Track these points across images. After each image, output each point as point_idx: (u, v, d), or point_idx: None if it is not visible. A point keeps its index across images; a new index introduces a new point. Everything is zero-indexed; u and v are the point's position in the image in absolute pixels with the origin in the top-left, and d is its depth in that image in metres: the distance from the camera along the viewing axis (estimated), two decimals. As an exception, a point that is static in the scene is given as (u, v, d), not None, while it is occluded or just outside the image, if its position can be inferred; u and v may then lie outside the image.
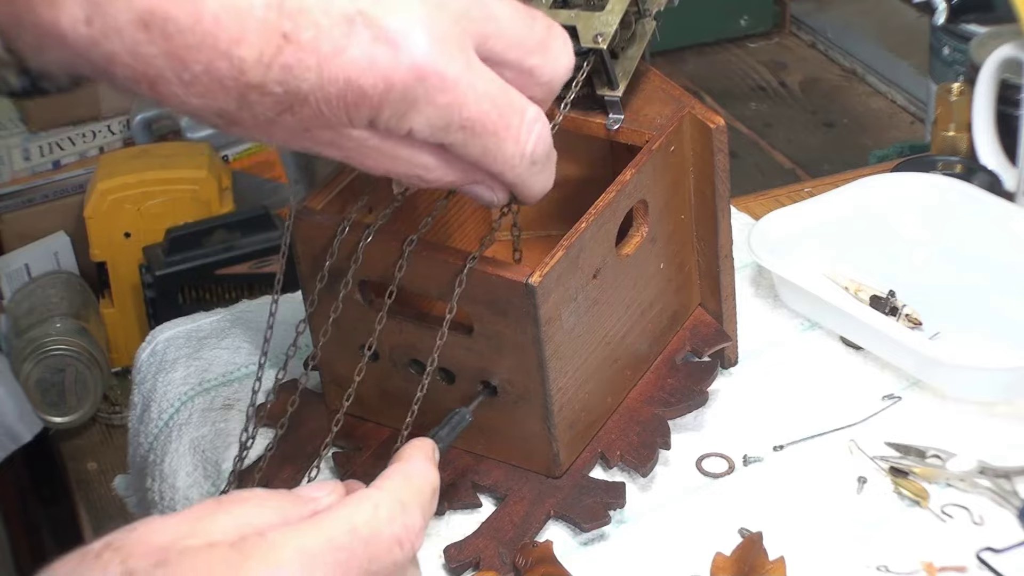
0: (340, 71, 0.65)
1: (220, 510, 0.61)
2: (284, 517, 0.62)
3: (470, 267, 0.81)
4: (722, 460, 0.91)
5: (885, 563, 0.83)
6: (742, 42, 2.44)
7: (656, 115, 0.91)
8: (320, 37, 0.64)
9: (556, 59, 0.72)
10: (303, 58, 0.64)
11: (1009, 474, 0.88)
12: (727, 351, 0.97)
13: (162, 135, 2.06)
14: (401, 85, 0.66)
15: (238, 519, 0.61)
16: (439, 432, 0.75)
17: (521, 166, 0.72)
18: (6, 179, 2.05)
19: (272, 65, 0.64)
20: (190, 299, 1.80)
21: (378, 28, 0.65)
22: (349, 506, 0.63)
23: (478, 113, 0.68)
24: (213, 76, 0.64)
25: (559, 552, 0.84)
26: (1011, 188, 1.16)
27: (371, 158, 0.70)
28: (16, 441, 1.85)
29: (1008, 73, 1.19)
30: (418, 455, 0.68)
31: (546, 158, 0.74)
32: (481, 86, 0.68)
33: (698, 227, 0.94)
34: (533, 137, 0.72)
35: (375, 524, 0.62)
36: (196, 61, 0.64)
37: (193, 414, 0.98)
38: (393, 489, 0.65)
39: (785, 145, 2.17)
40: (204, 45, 0.63)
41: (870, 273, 1.05)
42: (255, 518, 0.61)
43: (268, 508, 0.62)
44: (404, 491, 0.65)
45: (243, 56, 0.64)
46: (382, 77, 0.65)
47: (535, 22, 0.71)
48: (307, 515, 0.63)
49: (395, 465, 0.67)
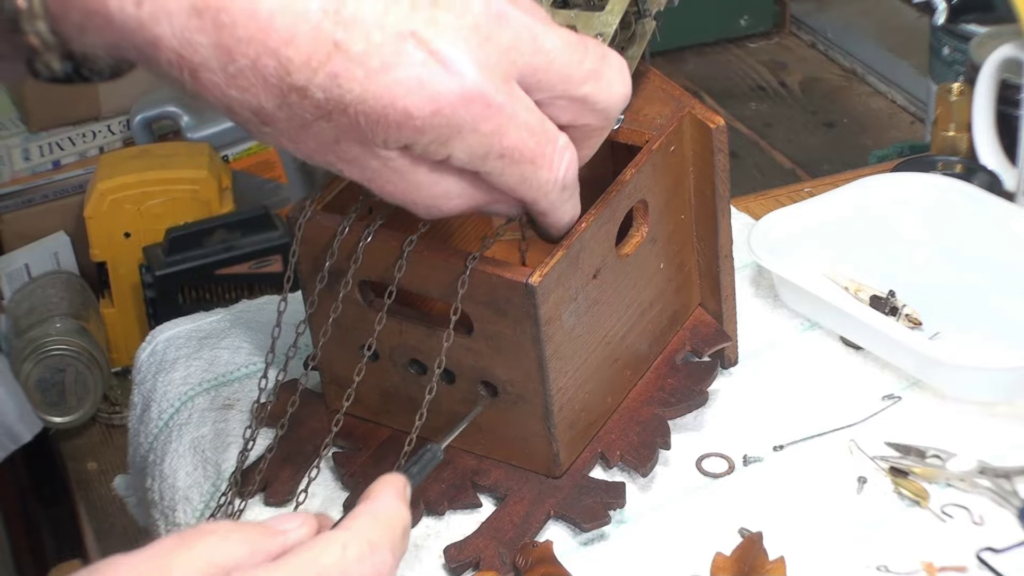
0: (385, 89, 0.65)
1: (182, 547, 0.60)
2: (251, 550, 0.61)
3: (472, 268, 0.81)
4: (722, 460, 0.91)
5: (885, 563, 0.83)
6: (742, 42, 2.44)
7: (656, 115, 0.91)
8: (370, 51, 0.64)
9: (609, 87, 0.72)
10: (350, 69, 0.64)
11: (1009, 474, 0.88)
12: (727, 351, 0.97)
13: (162, 135, 2.06)
14: (449, 110, 0.66)
15: (201, 557, 0.60)
16: (410, 468, 0.73)
17: (554, 192, 0.73)
18: (6, 179, 2.06)
19: (319, 71, 0.64)
20: (190, 299, 1.81)
21: (430, 50, 0.65)
22: (317, 547, 0.62)
23: (517, 141, 0.69)
24: (258, 72, 0.64)
25: (559, 552, 0.84)
26: (1011, 188, 1.16)
27: (392, 183, 0.70)
28: (16, 441, 1.85)
29: (1008, 73, 1.19)
30: (388, 492, 0.67)
31: (574, 185, 0.75)
32: (522, 115, 0.69)
33: (698, 227, 0.94)
34: (564, 164, 0.73)
35: (343, 565, 0.61)
36: (244, 55, 0.64)
37: (193, 414, 0.98)
38: (361, 529, 0.64)
39: (785, 145, 2.17)
40: (254, 40, 0.63)
41: (870, 273, 1.05)
42: (219, 554, 0.60)
43: (233, 542, 0.61)
44: (373, 531, 0.64)
45: (291, 57, 0.64)
46: (429, 100, 0.65)
47: (587, 52, 0.71)
48: (275, 549, 0.62)
49: (363, 504, 0.66)
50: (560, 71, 0.70)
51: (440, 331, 0.84)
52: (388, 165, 0.69)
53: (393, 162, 0.69)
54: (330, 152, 0.69)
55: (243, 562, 0.60)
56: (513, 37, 0.68)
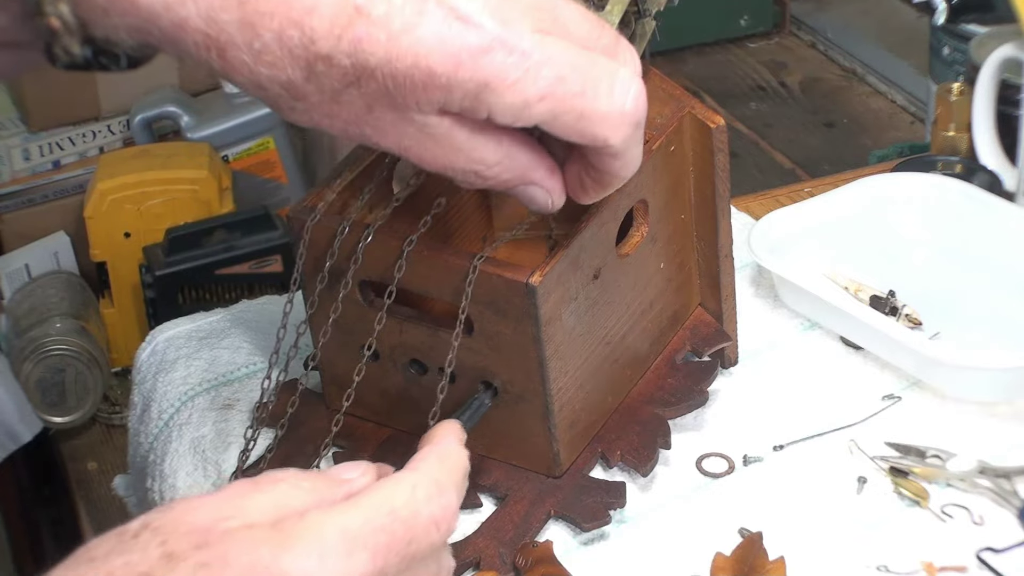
0: (409, 49, 0.65)
1: (257, 490, 0.61)
2: (319, 498, 0.62)
3: (476, 268, 0.81)
4: (722, 460, 0.91)
5: (885, 563, 0.83)
6: (742, 42, 2.44)
7: (656, 115, 0.91)
8: (392, 13, 0.65)
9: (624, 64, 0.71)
10: (373, 32, 0.64)
11: (1009, 474, 0.88)
12: (727, 351, 0.97)
13: (162, 135, 2.06)
14: (471, 63, 0.65)
15: (275, 499, 0.61)
16: (462, 416, 0.77)
17: (624, 126, 0.70)
18: (6, 179, 2.05)
19: (343, 37, 0.64)
20: (190, 299, 1.81)
21: (450, 7, 0.65)
22: (387, 487, 0.63)
23: (556, 79, 0.67)
24: (284, 44, 0.64)
25: (559, 552, 0.84)
26: (1011, 188, 1.16)
27: (430, 150, 0.69)
28: (16, 441, 1.85)
29: (1008, 73, 1.19)
30: (449, 437, 0.68)
31: (643, 125, 0.71)
32: (561, 56, 0.67)
33: (698, 227, 0.94)
34: (631, 94, 0.69)
35: (413, 505, 0.62)
36: (268, 28, 0.64)
37: (193, 414, 0.98)
38: (429, 470, 0.65)
39: (785, 145, 2.17)
40: (277, 13, 0.64)
41: (870, 273, 1.05)
42: (292, 499, 0.61)
43: (303, 489, 0.62)
44: (439, 472, 0.65)
45: (314, 26, 0.64)
46: (451, 56, 0.65)
47: (603, 30, 0.71)
48: (341, 496, 0.62)
49: (428, 447, 0.67)
50: (580, 40, 0.69)
51: (441, 331, 0.84)
52: (425, 131, 0.68)
53: (431, 127, 0.68)
54: (365, 123, 0.68)
55: (312, 507, 0.61)
56: (533, 1, 0.68)
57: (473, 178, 0.71)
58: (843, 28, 2.37)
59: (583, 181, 0.75)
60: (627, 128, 0.70)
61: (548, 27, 0.68)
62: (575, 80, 0.68)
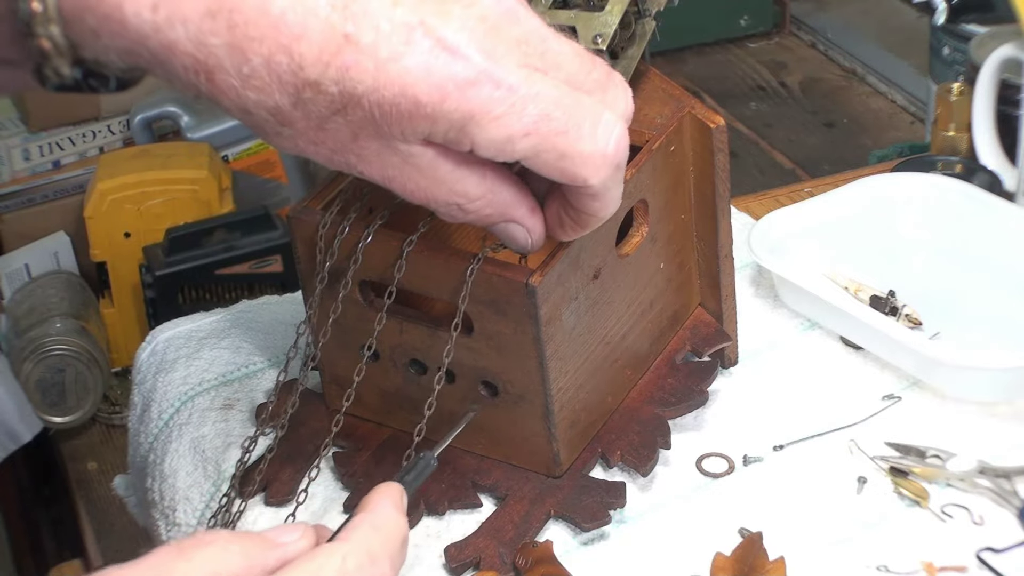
0: (396, 77, 0.65)
1: (181, 558, 0.60)
2: (250, 562, 0.61)
3: (475, 268, 0.81)
4: (722, 460, 0.91)
5: (885, 563, 0.83)
6: (742, 42, 2.45)
7: (656, 115, 0.91)
8: (380, 41, 0.65)
9: (615, 102, 0.71)
10: (361, 60, 0.65)
11: (1009, 474, 0.88)
12: (727, 351, 0.97)
13: (162, 135, 2.06)
14: (457, 94, 0.65)
15: (201, 568, 0.59)
16: (405, 477, 0.73)
17: (606, 167, 0.70)
18: (6, 179, 2.06)
19: (331, 64, 0.64)
20: (190, 299, 1.81)
21: (437, 38, 0.65)
22: (317, 559, 0.62)
23: (540, 116, 0.67)
24: (272, 70, 0.64)
25: (559, 552, 0.84)
26: (1011, 188, 1.16)
27: (413, 180, 0.69)
28: (16, 441, 1.85)
29: (1008, 73, 1.19)
30: (385, 503, 0.67)
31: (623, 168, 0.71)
32: (547, 93, 0.67)
33: (698, 227, 0.94)
34: (613, 138, 0.69)
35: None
36: (257, 53, 0.64)
37: (193, 414, 0.98)
38: (361, 540, 0.64)
39: (785, 145, 2.17)
40: (266, 38, 0.64)
41: (870, 273, 1.05)
42: (221, 564, 0.60)
43: (233, 552, 0.61)
44: (372, 542, 0.64)
45: (303, 52, 0.64)
46: (437, 87, 0.65)
47: (595, 66, 0.70)
48: (273, 562, 0.61)
49: (362, 515, 0.66)
50: (567, 75, 0.69)
51: (440, 331, 0.84)
52: (409, 161, 0.68)
53: (415, 158, 0.68)
54: (350, 152, 0.68)
55: (242, 574, 0.60)
56: (523, 33, 0.68)
57: (455, 211, 0.71)
58: (843, 28, 2.37)
59: (562, 220, 0.75)
60: (608, 169, 0.70)
61: (536, 62, 0.68)
62: (559, 119, 0.68)
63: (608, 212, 0.74)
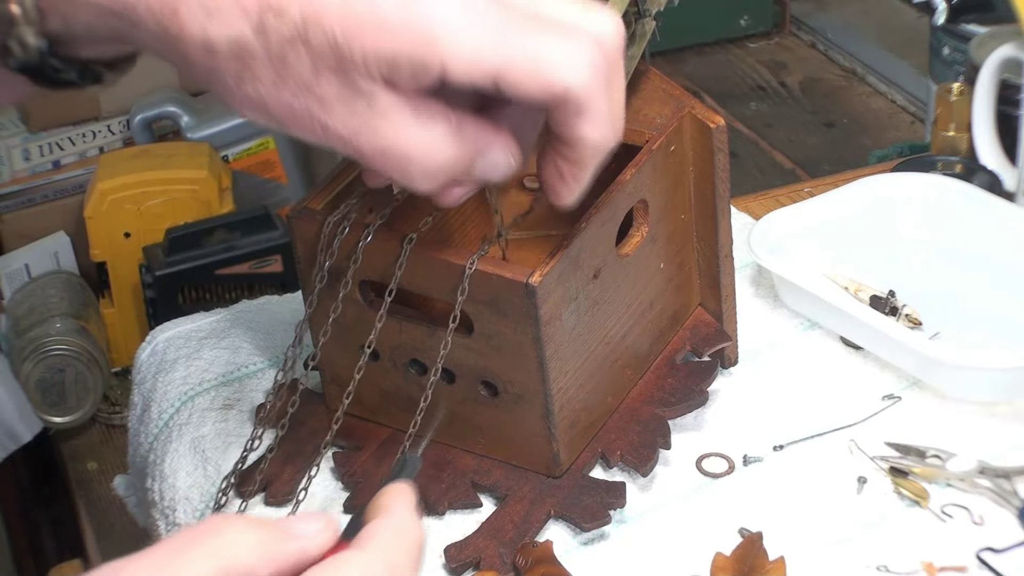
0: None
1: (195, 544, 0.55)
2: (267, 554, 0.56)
3: (474, 269, 0.81)
4: (722, 460, 0.91)
5: (885, 563, 0.83)
6: (742, 42, 2.45)
7: (656, 115, 0.91)
8: None
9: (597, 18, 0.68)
10: None
11: (1009, 474, 0.88)
12: (727, 351, 0.97)
13: (162, 135, 2.06)
14: (424, 6, 0.64)
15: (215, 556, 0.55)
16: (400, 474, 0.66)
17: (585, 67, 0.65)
18: (6, 179, 2.06)
19: None
20: (190, 299, 1.81)
21: None
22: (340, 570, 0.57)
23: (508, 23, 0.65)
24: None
25: (559, 552, 0.84)
26: (1011, 188, 1.16)
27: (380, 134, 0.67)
28: (16, 441, 1.85)
29: (1008, 73, 1.19)
30: (401, 506, 0.61)
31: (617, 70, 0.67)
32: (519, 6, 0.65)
33: (698, 227, 0.94)
34: (594, 36, 0.66)
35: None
36: None
37: (193, 414, 0.98)
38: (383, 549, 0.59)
39: (785, 145, 2.17)
40: None
41: (870, 273, 1.05)
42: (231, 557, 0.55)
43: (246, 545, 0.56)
44: (395, 551, 0.59)
45: None
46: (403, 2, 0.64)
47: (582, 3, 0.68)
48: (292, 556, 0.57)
49: (382, 521, 0.60)
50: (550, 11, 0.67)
51: (440, 331, 0.84)
52: (373, 107, 0.66)
53: (379, 101, 0.66)
54: (311, 96, 0.66)
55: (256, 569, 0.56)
56: None
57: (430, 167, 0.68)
58: (843, 28, 2.37)
59: (560, 170, 0.71)
60: (587, 69, 0.66)
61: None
62: (531, 28, 0.66)
63: (601, 135, 0.69)
